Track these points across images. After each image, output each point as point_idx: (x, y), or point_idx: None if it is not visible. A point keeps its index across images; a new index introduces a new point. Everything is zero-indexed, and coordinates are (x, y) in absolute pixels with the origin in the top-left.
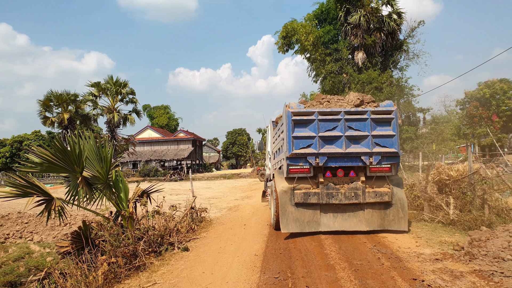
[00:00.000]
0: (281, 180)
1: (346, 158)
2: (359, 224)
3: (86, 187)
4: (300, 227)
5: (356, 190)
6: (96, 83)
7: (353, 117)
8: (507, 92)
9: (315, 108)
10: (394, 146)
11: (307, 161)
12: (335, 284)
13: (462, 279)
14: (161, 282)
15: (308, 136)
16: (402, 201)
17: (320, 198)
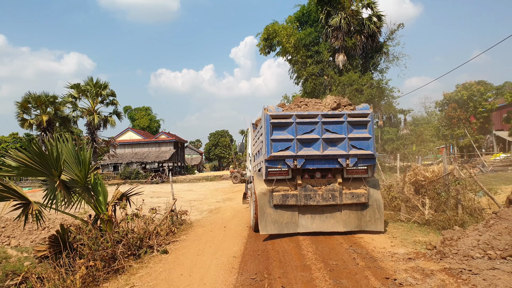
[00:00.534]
0: (260, 182)
1: (323, 160)
2: (336, 225)
3: (64, 190)
4: (278, 228)
5: (333, 192)
6: (75, 84)
7: (330, 120)
8: (484, 94)
9: (293, 111)
10: (370, 149)
11: (285, 163)
12: (310, 284)
13: (432, 277)
14: (139, 284)
15: (286, 139)
16: (378, 202)
17: (298, 200)
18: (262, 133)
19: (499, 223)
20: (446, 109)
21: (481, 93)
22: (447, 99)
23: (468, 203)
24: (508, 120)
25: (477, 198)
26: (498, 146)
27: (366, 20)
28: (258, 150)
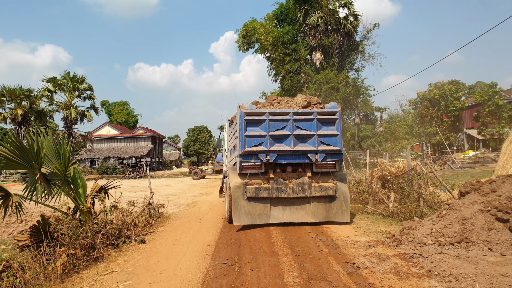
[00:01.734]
0: (234, 176)
1: (294, 156)
2: (306, 216)
3: (44, 183)
4: (251, 219)
5: (303, 185)
6: (52, 78)
7: (301, 117)
8: (455, 93)
9: (266, 109)
10: (338, 145)
11: (258, 158)
12: (276, 268)
13: (387, 261)
14: (118, 270)
15: (260, 135)
16: (345, 195)
17: (270, 193)
18: (237, 129)
19: (451, 213)
20: (420, 107)
21: (452, 92)
22: (420, 97)
23: (429, 196)
24: (477, 119)
25: (441, 192)
26: (468, 144)
27: (343, 19)
28: (233, 146)
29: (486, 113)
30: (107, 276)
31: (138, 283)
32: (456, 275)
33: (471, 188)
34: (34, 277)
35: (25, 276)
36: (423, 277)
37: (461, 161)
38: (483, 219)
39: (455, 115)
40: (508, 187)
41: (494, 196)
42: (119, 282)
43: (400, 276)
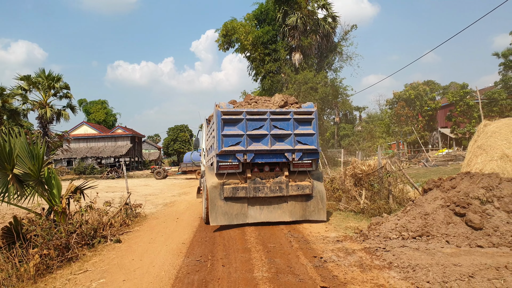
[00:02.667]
0: (211, 176)
1: (271, 155)
2: (283, 215)
3: (17, 184)
4: (228, 219)
5: (280, 184)
6: (26, 76)
7: (278, 117)
8: (429, 94)
9: (243, 108)
10: (314, 144)
11: (236, 157)
12: (247, 263)
13: (353, 255)
14: (92, 269)
15: (237, 134)
16: (321, 194)
17: (247, 192)
18: (214, 128)
19: (414, 209)
20: (396, 107)
21: (426, 92)
22: (396, 97)
23: (398, 193)
24: (450, 119)
25: (412, 189)
26: (442, 142)
27: (321, 21)
28: (210, 145)
29: (458, 113)
30: (81, 275)
31: (112, 281)
32: (414, 266)
33: (433, 185)
34: (6, 278)
35: None
36: (384, 269)
37: (434, 159)
38: (443, 214)
39: (429, 114)
40: (466, 184)
41: (453, 192)
42: (93, 280)
43: (363, 269)
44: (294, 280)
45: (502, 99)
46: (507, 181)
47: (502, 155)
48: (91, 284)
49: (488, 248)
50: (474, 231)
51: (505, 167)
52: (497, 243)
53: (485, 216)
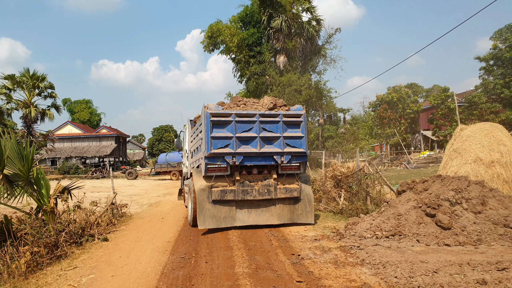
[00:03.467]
0: (199, 179)
1: (260, 157)
2: (271, 218)
3: (7, 184)
4: (216, 223)
5: (268, 187)
6: (10, 75)
7: (267, 119)
8: (411, 97)
9: (232, 110)
10: (303, 147)
11: (224, 160)
12: (229, 260)
13: (328, 253)
14: (81, 266)
15: (226, 137)
16: (309, 196)
17: (236, 195)
18: (202, 130)
19: (389, 210)
20: (378, 109)
21: (408, 95)
22: (379, 100)
23: (376, 195)
24: (432, 121)
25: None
26: (424, 144)
27: (305, 24)
28: (196, 147)
29: (439, 116)
30: (71, 271)
31: (101, 277)
32: (384, 263)
33: (406, 187)
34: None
35: None
36: (357, 266)
37: (416, 161)
38: (415, 215)
39: (411, 117)
40: (437, 186)
41: (425, 194)
42: (83, 276)
43: (337, 265)
44: (272, 276)
45: (481, 103)
46: (475, 184)
47: (476, 159)
48: (81, 280)
49: (454, 247)
50: (443, 230)
51: (478, 170)
52: (463, 241)
53: (454, 217)
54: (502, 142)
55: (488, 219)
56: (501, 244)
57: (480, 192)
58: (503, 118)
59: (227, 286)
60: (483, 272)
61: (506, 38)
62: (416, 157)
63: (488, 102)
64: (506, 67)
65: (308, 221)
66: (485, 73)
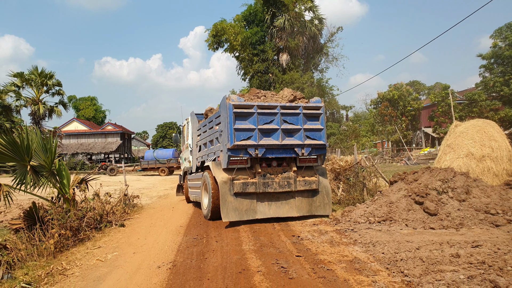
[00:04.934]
0: (219, 171)
1: (281, 150)
2: (290, 211)
3: (33, 174)
4: (239, 215)
5: (288, 179)
6: (19, 73)
7: (288, 111)
8: (412, 94)
9: (253, 101)
10: (322, 139)
11: (247, 152)
12: (237, 240)
13: (325, 235)
14: (104, 246)
15: (249, 128)
16: (327, 189)
17: (257, 187)
18: (222, 122)
19: (381, 198)
20: (380, 107)
21: (409, 93)
22: (380, 97)
23: (372, 186)
24: (432, 118)
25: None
26: (425, 141)
27: (308, 23)
28: (209, 140)
29: (440, 113)
30: (96, 250)
31: (124, 254)
32: (374, 242)
33: (398, 178)
34: (29, 254)
35: (21, 253)
36: (349, 245)
37: (417, 157)
38: (405, 202)
39: (412, 114)
40: (426, 177)
41: (415, 184)
42: (107, 253)
43: (332, 244)
44: (275, 252)
45: (481, 100)
46: (460, 175)
47: (468, 153)
48: (107, 256)
49: (438, 230)
50: (429, 216)
51: (470, 164)
52: (447, 225)
53: (440, 204)
54: (494, 138)
55: (471, 206)
56: (480, 227)
57: (464, 182)
58: (502, 116)
59: (236, 259)
60: (459, 248)
61: (506, 36)
62: (417, 154)
63: (488, 99)
64: (506, 65)
65: (325, 213)
66: (485, 71)
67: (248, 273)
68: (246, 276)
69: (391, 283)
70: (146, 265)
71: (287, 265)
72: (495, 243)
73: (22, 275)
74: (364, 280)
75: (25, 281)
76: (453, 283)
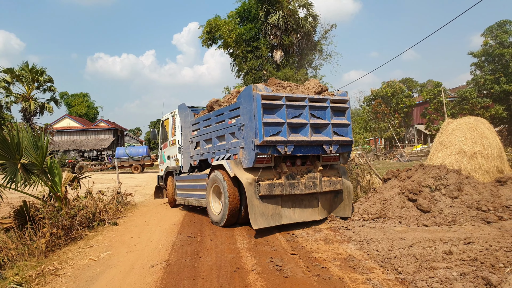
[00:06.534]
0: (241, 171)
1: (309, 147)
2: (313, 214)
3: (24, 172)
4: (266, 221)
5: (314, 180)
6: (9, 69)
7: (316, 104)
8: (405, 92)
9: (279, 92)
10: (349, 135)
11: (275, 149)
12: (231, 238)
13: (319, 232)
14: (97, 245)
15: (277, 123)
16: (349, 189)
17: (283, 189)
18: (245, 115)
19: (375, 195)
20: (373, 104)
21: (402, 90)
22: (373, 95)
23: (366, 184)
24: (425, 116)
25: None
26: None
27: (302, 20)
28: (218, 136)
29: (432, 110)
30: (89, 249)
31: (117, 253)
32: (368, 239)
33: (391, 175)
34: (20, 254)
35: (11, 253)
36: (344, 242)
37: (409, 154)
38: (399, 200)
39: (405, 111)
40: (419, 174)
41: (408, 181)
42: (100, 252)
43: (326, 242)
44: (269, 250)
45: (472, 98)
46: (453, 172)
47: (460, 150)
48: (100, 255)
49: (431, 227)
50: (423, 213)
51: (462, 161)
52: (440, 222)
53: (433, 201)
54: (485, 135)
55: (463, 203)
56: (472, 224)
57: (457, 179)
58: (493, 113)
59: (230, 257)
60: (451, 245)
61: (497, 35)
62: (410, 150)
63: (479, 97)
64: (496, 63)
65: (346, 215)
66: (477, 69)
67: (243, 272)
68: (241, 275)
69: (385, 280)
70: (140, 264)
71: (281, 263)
72: (487, 240)
73: (12, 275)
74: (359, 278)
75: (15, 281)
76: (446, 280)
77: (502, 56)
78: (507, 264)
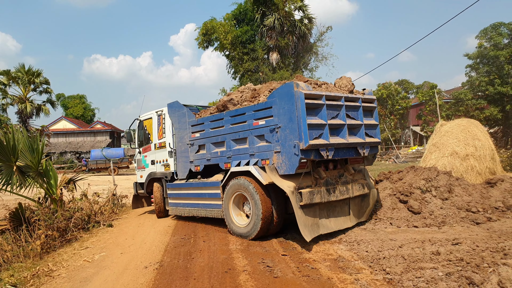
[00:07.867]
0: (279, 178)
1: (345, 150)
2: (346, 221)
3: (19, 175)
4: (308, 232)
5: (347, 184)
6: (5, 71)
7: (351, 104)
8: (400, 93)
9: (319, 90)
10: (378, 136)
11: (318, 154)
12: (224, 239)
13: None
14: (92, 247)
15: (319, 124)
16: (374, 192)
17: (322, 196)
18: (284, 115)
19: None
20: None
21: (398, 92)
22: None
23: None
24: (420, 117)
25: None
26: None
27: (298, 22)
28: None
29: (428, 112)
30: (83, 251)
31: (111, 254)
32: (359, 241)
33: (384, 177)
34: (15, 256)
35: (6, 255)
36: (335, 243)
37: (405, 155)
38: (390, 201)
39: (400, 113)
40: (411, 176)
41: (400, 183)
42: (95, 254)
43: (317, 243)
44: (261, 251)
45: (467, 99)
46: (444, 174)
47: (452, 152)
48: (94, 257)
49: (421, 228)
50: (413, 215)
51: (454, 163)
52: (430, 223)
53: (424, 203)
54: (477, 137)
55: (453, 204)
56: (461, 225)
57: (447, 181)
58: (487, 114)
59: (223, 258)
60: (439, 246)
61: (491, 37)
62: (406, 152)
63: (474, 98)
64: (491, 65)
65: (366, 219)
66: (471, 71)
67: (234, 273)
68: (232, 276)
69: (373, 280)
70: (133, 266)
71: (272, 264)
72: (475, 241)
73: (7, 276)
74: (347, 278)
75: (10, 282)
76: (432, 280)
77: (496, 58)
78: (491, 264)
